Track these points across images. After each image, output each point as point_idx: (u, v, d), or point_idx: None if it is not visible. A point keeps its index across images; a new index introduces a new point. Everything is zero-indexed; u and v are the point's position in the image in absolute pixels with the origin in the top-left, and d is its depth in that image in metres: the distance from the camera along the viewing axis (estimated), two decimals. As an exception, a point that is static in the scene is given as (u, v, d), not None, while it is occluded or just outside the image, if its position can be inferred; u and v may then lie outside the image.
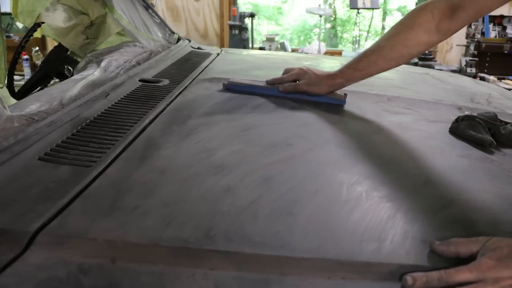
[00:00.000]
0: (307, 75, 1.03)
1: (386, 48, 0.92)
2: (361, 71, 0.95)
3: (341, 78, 0.98)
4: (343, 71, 0.99)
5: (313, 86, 1.01)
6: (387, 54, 0.92)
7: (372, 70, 0.95)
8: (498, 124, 0.88)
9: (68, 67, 1.45)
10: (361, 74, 0.96)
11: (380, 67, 0.94)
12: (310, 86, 1.01)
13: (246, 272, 0.47)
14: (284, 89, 1.03)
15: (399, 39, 0.91)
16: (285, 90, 1.03)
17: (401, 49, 0.91)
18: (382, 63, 0.93)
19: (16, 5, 1.58)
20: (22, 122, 0.72)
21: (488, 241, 0.51)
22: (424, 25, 0.88)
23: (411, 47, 0.90)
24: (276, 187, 0.63)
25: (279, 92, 1.04)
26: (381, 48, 0.93)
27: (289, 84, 1.03)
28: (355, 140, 0.84)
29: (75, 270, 0.45)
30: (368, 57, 0.94)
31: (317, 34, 5.26)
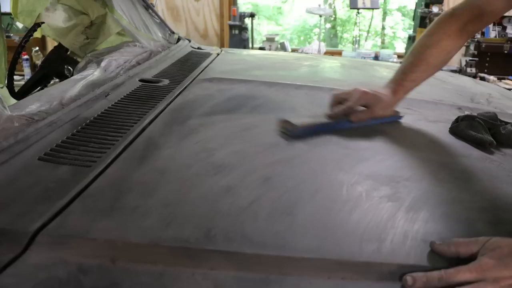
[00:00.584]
0: (377, 98, 0.94)
1: (434, 56, 0.95)
2: (416, 81, 0.97)
3: (403, 92, 0.97)
4: (403, 84, 0.96)
5: (387, 108, 0.95)
6: (434, 62, 0.96)
7: (423, 79, 0.97)
8: (498, 124, 0.88)
9: (68, 67, 1.45)
10: (416, 84, 0.98)
11: (428, 75, 0.98)
12: (385, 109, 0.95)
13: (246, 272, 0.47)
14: (358, 119, 0.92)
15: (442, 47, 0.95)
16: (359, 119, 0.92)
17: (445, 55, 0.96)
18: (430, 70, 0.97)
19: (16, 5, 1.58)
20: (22, 122, 0.72)
21: (488, 241, 0.51)
22: (458, 31, 0.95)
23: (452, 52, 0.97)
24: (276, 187, 0.63)
25: (351, 123, 0.91)
26: (428, 57, 0.96)
27: (362, 113, 0.93)
28: (355, 140, 0.84)
29: (75, 270, 0.45)
30: (420, 67, 0.96)
31: (317, 34, 5.26)
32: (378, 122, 0.94)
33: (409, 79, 0.96)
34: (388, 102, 0.94)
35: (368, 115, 0.93)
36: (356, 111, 0.92)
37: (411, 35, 4.20)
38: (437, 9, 3.91)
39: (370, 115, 0.93)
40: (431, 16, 3.92)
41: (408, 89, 0.97)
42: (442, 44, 0.95)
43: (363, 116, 0.92)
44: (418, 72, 0.96)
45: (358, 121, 0.92)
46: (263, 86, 1.15)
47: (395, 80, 0.97)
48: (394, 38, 6.88)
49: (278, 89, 1.14)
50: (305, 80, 1.28)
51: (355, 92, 0.94)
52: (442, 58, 0.96)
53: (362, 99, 0.93)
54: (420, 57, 0.96)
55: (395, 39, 6.84)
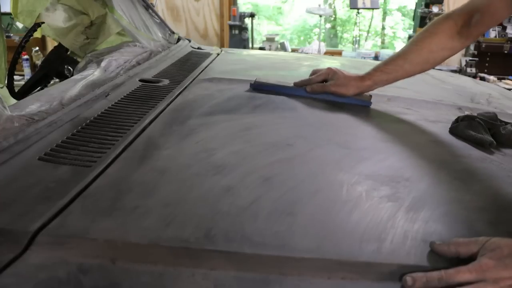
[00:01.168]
0: (335, 75, 1.02)
1: (413, 53, 0.96)
2: (388, 74, 0.98)
3: (369, 80, 0.99)
4: (371, 73, 1.00)
5: (341, 87, 1.01)
6: (413, 58, 0.96)
7: (399, 74, 0.98)
8: (498, 124, 0.88)
9: (68, 67, 1.45)
10: (388, 77, 0.99)
11: (406, 72, 0.98)
12: (338, 86, 1.01)
13: (246, 272, 0.47)
14: (312, 90, 1.03)
15: (424, 44, 0.95)
16: (313, 90, 1.03)
17: (427, 54, 0.95)
18: (408, 67, 0.97)
19: (16, 5, 1.58)
20: (22, 122, 0.72)
21: (488, 241, 0.51)
22: (447, 31, 0.94)
23: (436, 52, 0.96)
24: (276, 187, 0.63)
25: (307, 93, 1.04)
26: (407, 52, 0.96)
27: (317, 85, 1.03)
28: (355, 140, 0.84)
29: (75, 270, 0.45)
30: (396, 61, 0.97)
31: (317, 34, 5.25)
32: (340, 101, 1.03)
33: (380, 69, 0.99)
34: (343, 82, 1.00)
35: (320, 89, 1.03)
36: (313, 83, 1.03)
37: (411, 35, 4.21)
38: (437, 9, 3.91)
39: (322, 88, 1.03)
40: (431, 16, 3.92)
41: (377, 79, 0.99)
42: (425, 41, 0.95)
43: (317, 89, 1.03)
44: (392, 65, 0.98)
45: (312, 91, 1.03)
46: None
47: (370, 70, 1.01)
48: (394, 38, 6.88)
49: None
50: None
51: (323, 69, 1.04)
52: (424, 56, 0.96)
53: (324, 74, 1.04)
54: (400, 53, 0.98)
55: (395, 39, 6.84)
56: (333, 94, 1.03)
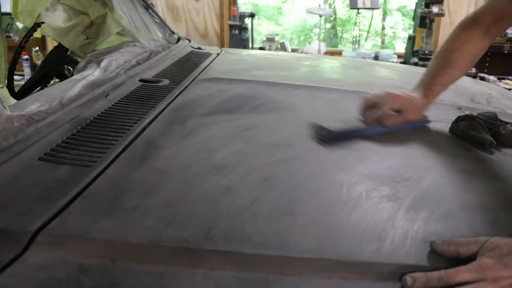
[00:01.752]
0: (410, 102, 0.94)
1: (460, 60, 0.97)
2: (444, 85, 0.98)
3: (432, 96, 0.97)
4: (432, 88, 0.97)
5: (420, 113, 0.96)
6: (461, 65, 0.97)
7: (451, 82, 0.98)
8: (498, 124, 0.88)
9: (68, 67, 1.45)
10: (444, 88, 0.99)
11: (455, 78, 0.99)
12: (418, 114, 0.96)
13: (246, 272, 0.48)
14: (392, 124, 0.91)
15: (467, 50, 0.97)
16: (393, 124, 0.92)
17: (470, 58, 0.98)
18: (457, 74, 0.98)
19: (16, 5, 1.58)
20: (22, 122, 0.72)
21: (488, 241, 0.51)
22: (481, 35, 0.97)
23: (477, 55, 0.99)
24: (276, 187, 0.63)
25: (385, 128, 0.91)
26: (455, 60, 0.97)
27: (396, 117, 0.93)
28: (354, 140, 0.84)
29: (75, 270, 0.45)
30: (447, 71, 0.97)
31: (317, 34, 5.25)
32: (409, 127, 0.93)
33: (437, 82, 0.97)
34: (420, 106, 0.95)
35: (402, 120, 0.93)
36: (389, 116, 0.92)
37: (411, 35, 4.19)
38: (437, 9, 3.91)
39: (404, 119, 0.93)
40: (431, 16, 3.91)
41: (437, 93, 0.97)
42: (467, 47, 0.97)
43: (397, 121, 0.92)
44: (446, 75, 0.97)
45: (392, 125, 0.91)
46: (263, 86, 1.15)
47: (423, 84, 0.97)
48: (394, 38, 6.88)
49: (278, 89, 1.14)
50: (305, 80, 1.28)
51: (387, 96, 0.93)
52: (468, 61, 0.98)
53: (395, 103, 0.93)
54: (446, 61, 0.97)
55: (395, 39, 6.83)
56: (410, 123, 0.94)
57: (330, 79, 1.42)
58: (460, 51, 0.97)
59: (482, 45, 0.99)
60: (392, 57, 4.35)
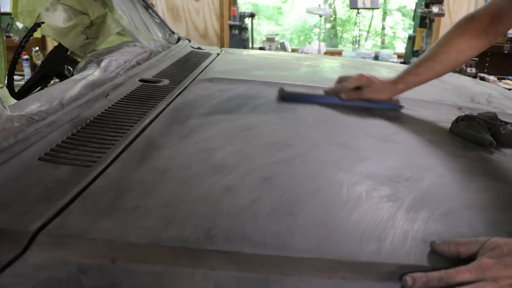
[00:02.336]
0: (370, 81, 1.02)
1: (442, 54, 0.98)
2: (420, 76, 0.99)
3: (403, 84, 1.00)
4: (404, 77, 1.01)
5: (377, 92, 1.01)
6: (442, 59, 0.98)
7: (429, 76, 1.00)
8: (498, 124, 0.88)
9: (68, 67, 1.45)
10: (420, 79, 1.00)
11: (437, 72, 1.00)
12: (374, 92, 1.01)
13: (246, 272, 0.47)
14: (348, 97, 1.01)
15: (452, 45, 0.97)
16: (349, 97, 1.01)
17: (456, 54, 0.98)
18: (438, 68, 0.99)
19: (16, 5, 1.58)
20: (22, 122, 0.72)
21: (488, 241, 0.51)
22: (474, 31, 0.96)
23: (464, 51, 0.98)
24: (276, 187, 0.63)
25: (340, 100, 1.02)
26: (437, 54, 0.98)
27: (352, 92, 1.02)
28: (355, 140, 0.84)
29: (75, 270, 0.45)
30: (426, 63, 0.99)
31: (317, 34, 5.25)
32: (372, 106, 1.01)
33: (412, 72, 1.00)
34: (378, 87, 1.00)
35: (358, 96, 1.01)
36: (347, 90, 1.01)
37: (411, 35, 4.19)
38: (437, 9, 3.91)
39: (359, 96, 1.01)
40: (431, 16, 3.91)
41: (410, 82, 1.00)
42: (453, 42, 0.97)
43: (352, 95, 1.01)
44: (423, 67, 0.99)
45: (347, 98, 1.01)
46: (263, 86, 1.15)
47: (400, 73, 1.01)
48: (394, 38, 6.88)
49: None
50: (305, 80, 1.28)
51: (354, 76, 1.03)
52: (453, 56, 0.98)
53: (357, 80, 1.02)
54: (429, 54, 1.00)
55: (395, 39, 6.83)
56: (367, 100, 1.02)
57: (330, 79, 1.41)
58: (445, 46, 0.98)
59: (475, 43, 0.97)
60: (392, 57, 4.35)
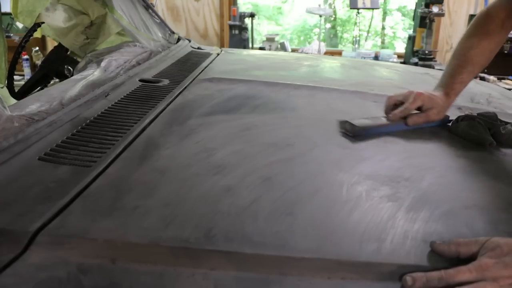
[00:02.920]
0: (433, 101, 0.94)
1: (478, 56, 0.98)
2: (464, 83, 0.98)
3: (454, 95, 0.98)
4: (454, 87, 0.97)
5: (443, 112, 0.96)
6: (479, 61, 0.98)
7: (471, 79, 0.99)
8: (498, 124, 0.88)
9: (68, 67, 1.45)
10: (465, 86, 0.99)
11: (474, 75, 1.00)
12: (441, 113, 0.96)
13: (246, 272, 0.47)
14: (414, 123, 0.93)
15: (484, 46, 0.98)
16: (415, 123, 0.93)
17: (488, 54, 0.99)
18: (476, 70, 0.99)
19: (16, 5, 1.58)
20: (22, 122, 0.72)
21: (488, 241, 0.51)
22: (497, 30, 0.98)
23: (494, 50, 1.00)
24: (276, 187, 0.63)
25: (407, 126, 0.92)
26: (473, 57, 0.98)
27: (418, 116, 0.94)
28: (355, 140, 0.84)
29: (75, 270, 0.45)
30: (467, 68, 0.98)
31: (317, 34, 5.25)
32: (430, 125, 0.94)
33: (458, 81, 0.97)
34: (442, 105, 0.95)
35: (424, 119, 0.93)
36: (412, 114, 0.93)
37: (411, 35, 4.19)
38: (437, 9, 3.91)
39: (426, 119, 0.93)
40: (431, 16, 3.91)
41: (459, 91, 0.98)
42: (483, 44, 0.98)
43: (419, 120, 0.93)
44: (465, 73, 0.97)
45: (414, 124, 0.92)
46: (263, 86, 1.15)
47: (445, 84, 0.98)
48: (394, 38, 6.88)
49: (278, 89, 1.14)
50: (305, 80, 1.28)
51: (411, 95, 0.94)
52: (486, 57, 0.99)
53: (418, 101, 0.93)
54: (464, 59, 0.98)
55: (395, 39, 6.83)
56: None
57: (330, 79, 1.42)
58: (478, 48, 0.98)
59: (499, 39, 0.99)
60: (392, 57, 4.35)
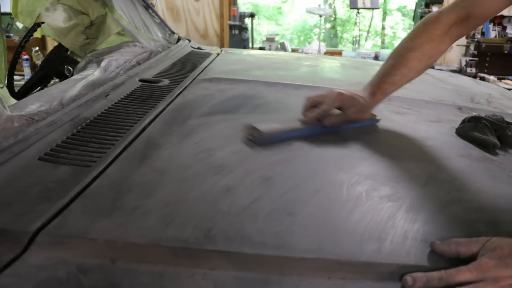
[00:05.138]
0: (353, 100, 0.89)
1: (415, 60, 0.93)
2: (396, 85, 0.94)
3: (381, 95, 0.93)
4: (381, 87, 0.93)
5: (362, 111, 0.91)
6: (416, 66, 0.94)
7: (404, 82, 0.95)
8: (504, 126, 0.88)
9: (68, 67, 1.45)
10: (395, 88, 0.95)
11: (409, 79, 0.95)
12: (360, 112, 0.90)
13: (246, 272, 0.47)
14: (331, 123, 0.86)
15: (424, 51, 0.93)
16: (332, 124, 0.86)
17: (427, 60, 0.94)
18: (411, 75, 0.94)
19: (16, 5, 1.58)
20: (22, 122, 0.72)
21: (488, 241, 0.51)
22: (441, 36, 0.93)
23: (434, 57, 0.95)
24: (276, 187, 0.63)
25: (324, 128, 0.86)
26: (410, 60, 0.93)
27: (336, 116, 0.88)
28: (355, 140, 0.84)
29: (75, 270, 0.45)
30: (401, 70, 0.93)
31: (317, 34, 5.26)
32: (354, 126, 0.90)
33: (388, 81, 0.92)
34: (363, 105, 0.90)
35: (342, 119, 0.88)
36: (330, 115, 0.87)
37: (411, 35, 4.19)
38: (437, 9, 3.91)
39: (344, 118, 0.88)
40: (431, 16, 3.91)
41: (387, 92, 0.93)
42: (425, 48, 0.92)
43: (337, 120, 0.87)
44: (398, 75, 0.92)
45: (332, 125, 0.86)
46: (263, 86, 1.15)
47: (374, 83, 0.93)
48: (394, 38, 6.88)
49: (278, 89, 1.14)
50: (305, 80, 1.28)
51: (330, 94, 0.88)
52: (425, 62, 0.93)
53: (337, 101, 0.88)
54: (401, 60, 0.93)
55: (395, 39, 6.83)
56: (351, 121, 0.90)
57: (330, 79, 1.42)
58: (417, 52, 0.92)
59: (440, 47, 0.93)
60: (392, 57, 4.34)
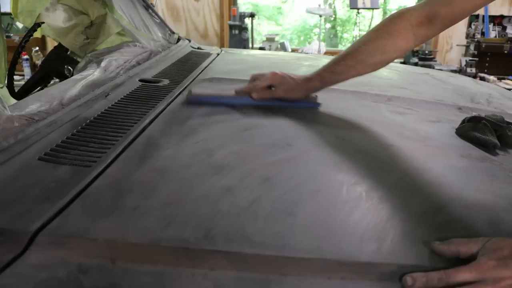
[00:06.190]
0: (283, 79, 0.96)
1: (365, 54, 0.90)
2: (338, 74, 0.92)
3: (318, 81, 0.94)
4: (320, 73, 0.94)
5: (290, 91, 0.96)
6: (365, 59, 0.90)
7: (349, 75, 0.93)
8: (505, 126, 0.88)
9: (68, 67, 1.45)
10: (338, 78, 0.94)
11: (358, 72, 0.92)
12: (287, 91, 0.96)
13: (246, 272, 0.47)
14: (259, 96, 0.95)
15: (377, 45, 0.89)
16: (260, 97, 0.96)
17: (380, 55, 0.90)
18: (360, 68, 0.91)
19: (16, 5, 1.58)
20: (22, 122, 0.72)
21: (488, 241, 0.51)
22: (403, 32, 0.88)
23: (389, 53, 0.90)
24: (276, 187, 0.63)
25: (252, 100, 0.96)
26: (359, 53, 0.90)
27: (264, 92, 0.97)
28: (355, 140, 0.84)
29: (75, 270, 0.45)
30: (346, 61, 0.91)
31: (317, 34, 5.26)
32: (289, 105, 0.97)
33: (329, 70, 0.93)
34: (292, 86, 0.96)
35: (269, 95, 0.97)
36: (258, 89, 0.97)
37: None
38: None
39: (271, 94, 0.97)
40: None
41: (326, 80, 0.94)
42: (379, 43, 0.89)
43: (264, 95, 0.97)
44: (343, 66, 0.92)
45: (259, 98, 0.96)
46: (263, 86, 1.15)
47: (317, 69, 0.96)
48: (394, 38, 6.88)
49: (278, 89, 1.13)
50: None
51: (266, 74, 0.98)
52: (377, 58, 0.90)
53: (269, 79, 0.97)
54: (351, 52, 0.92)
55: (395, 39, 6.84)
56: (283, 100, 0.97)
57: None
58: (369, 46, 0.89)
59: (400, 44, 0.89)
60: (392, 57, 4.35)
